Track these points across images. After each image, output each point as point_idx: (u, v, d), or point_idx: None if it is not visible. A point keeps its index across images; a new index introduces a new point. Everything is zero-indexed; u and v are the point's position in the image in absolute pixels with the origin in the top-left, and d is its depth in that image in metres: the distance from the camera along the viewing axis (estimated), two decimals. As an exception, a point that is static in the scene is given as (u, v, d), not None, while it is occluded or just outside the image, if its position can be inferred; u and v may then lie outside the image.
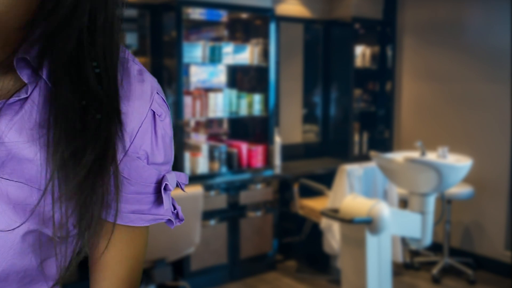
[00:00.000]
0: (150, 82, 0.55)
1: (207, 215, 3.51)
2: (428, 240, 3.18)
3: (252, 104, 3.89)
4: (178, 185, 0.59)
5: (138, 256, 0.58)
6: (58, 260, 0.52)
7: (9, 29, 0.47)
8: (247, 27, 4.09)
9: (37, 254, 0.51)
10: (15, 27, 0.47)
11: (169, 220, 0.58)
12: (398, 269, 3.91)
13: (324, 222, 3.59)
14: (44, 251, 0.51)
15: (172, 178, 0.57)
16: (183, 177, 0.60)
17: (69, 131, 0.46)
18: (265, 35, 3.88)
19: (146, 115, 0.53)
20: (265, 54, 3.90)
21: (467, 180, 3.82)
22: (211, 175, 3.64)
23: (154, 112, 0.54)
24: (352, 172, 3.57)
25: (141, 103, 0.53)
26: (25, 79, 0.47)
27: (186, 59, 3.52)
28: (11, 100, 0.47)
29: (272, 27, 3.85)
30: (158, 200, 0.56)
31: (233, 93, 3.84)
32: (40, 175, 0.48)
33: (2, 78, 0.49)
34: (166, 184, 0.55)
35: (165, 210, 0.57)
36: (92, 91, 0.47)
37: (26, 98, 0.48)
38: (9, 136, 0.47)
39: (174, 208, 0.59)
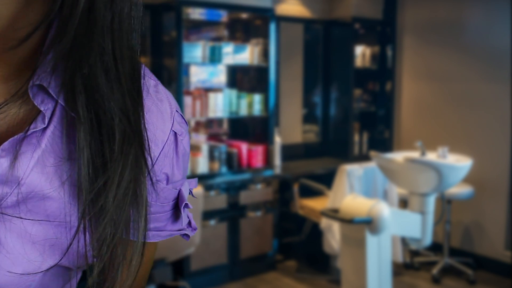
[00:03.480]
0: (168, 100, 0.51)
1: (207, 215, 3.51)
2: (428, 240, 3.18)
3: (252, 104, 3.89)
4: (189, 192, 0.57)
5: (147, 265, 0.57)
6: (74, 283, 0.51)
7: (19, 46, 0.41)
8: (247, 27, 4.09)
9: (54, 285, 0.49)
10: (27, 45, 0.41)
11: (185, 234, 0.57)
12: (398, 269, 3.91)
13: (324, 222, 3.58)
14: (62, 281, 0.50)
15: (186, 189, 0.55)
16: (193, 183, 0.58)
17: (98, 163, 0.43)
18: (265, 35, 3.87)
19: (167, 137, 0.50)
20: (265, 54, 3.89)
21: (467, 180, 3.82)
22: (211, 175, 3.64)
23: (175, 133, 0.51)
24: (352, 172, 3.57)
25: (162, 125, 0.50)
26: (41, 106, 0.41)
27: (186, 59, 3.52)
28: (28, 133, 0.41)
29: (272, 27, 3.85)
30: (174, 215, 0.55)
31: (233, 93, 3.84)
32: (64, 211, 0.44)
33: (14, 107, 0.43)
34: (186, 203, 0.54)
35: (182, 225, 0.56)
36: (111, 109, 0.42)
37: (44, 129, 0.42)
38: (30, 176, 0.42)
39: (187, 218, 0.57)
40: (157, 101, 0.50)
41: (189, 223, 0.58)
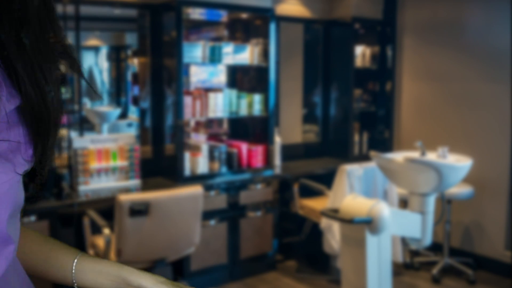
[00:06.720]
0: None
1: (207, 215, 3.51)
2: (428, 240, 3.18)
3: (252, 104, 3.89)
4: None
5: None
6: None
7: None
8: (247, 27, 4.09)
9: (16, 231, 0.56)
10: None
11: None
12: (398, 269, 3.91)
13: (324, 222, 3.58)
14: (18, 225, 0.57)
15: None
16: None
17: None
18: (265, 35, 3.87)
19: None
20: (265, 54, 3.89)
21: (467, 180, 3.82)
22: (211, 175, 3.64)
23: None
24: (352, 172, 3.57)
25: None
26: None
27: (186, 59, 3.52)
28: None
29: (272, 27, 3.85)
30: None
31: (233, 93, 3.84)
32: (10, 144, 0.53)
33: None
34: None
35: None
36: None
37: None
38: None
39: None
40: None
41: None
